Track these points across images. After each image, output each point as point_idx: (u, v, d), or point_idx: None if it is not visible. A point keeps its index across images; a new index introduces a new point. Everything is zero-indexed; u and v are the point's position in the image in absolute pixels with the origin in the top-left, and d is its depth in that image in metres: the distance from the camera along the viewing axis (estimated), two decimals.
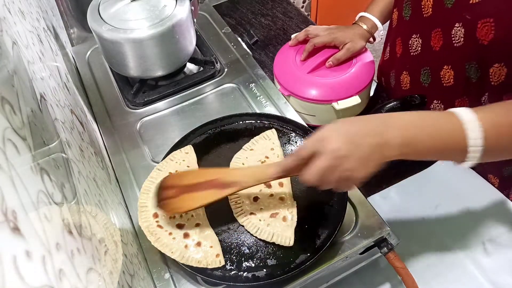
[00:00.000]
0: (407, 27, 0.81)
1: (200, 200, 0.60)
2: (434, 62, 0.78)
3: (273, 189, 0.66)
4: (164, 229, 0.63)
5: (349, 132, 0.50)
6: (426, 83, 0.81)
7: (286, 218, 0.63)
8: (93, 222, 0.44)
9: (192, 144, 0.76)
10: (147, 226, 0.63)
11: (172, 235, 0.62)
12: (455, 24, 0.69)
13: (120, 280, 0.45)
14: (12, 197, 0.27)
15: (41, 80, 0.52)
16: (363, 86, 0.90)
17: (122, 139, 0.82)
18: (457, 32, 0.69)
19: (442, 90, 0.78)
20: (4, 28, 0.45)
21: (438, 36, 0.73)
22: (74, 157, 0.50)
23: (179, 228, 0.63)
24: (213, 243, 0.62)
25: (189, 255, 0.60)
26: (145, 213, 0.65)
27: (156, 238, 0.62)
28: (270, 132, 0.75)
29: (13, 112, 0.32)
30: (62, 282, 0.30)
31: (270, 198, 0.65)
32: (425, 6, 0.74)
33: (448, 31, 0.71)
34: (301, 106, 0.91)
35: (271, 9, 1.29)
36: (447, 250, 0.73)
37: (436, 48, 0.75)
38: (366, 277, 0.71)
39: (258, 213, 0.64)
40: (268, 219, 0.63)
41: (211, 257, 0.60)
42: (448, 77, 0.75)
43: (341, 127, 0.51)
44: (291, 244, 0.60)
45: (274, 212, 0.64)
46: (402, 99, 0.78)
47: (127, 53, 0.83)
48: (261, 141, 0.74)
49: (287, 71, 0.93)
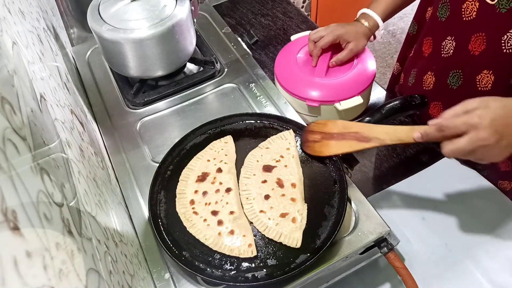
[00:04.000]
0: (442, 28, 0.78)
1: (341, 148, 0.67)
2: (471, 66, 0.76)
3: (285, 189, 0.67)
4: (200, 215, 0.65)
5: (496, 122, 0.54)
6: (454, 85, 0.80)
7: (296, 219, 0.63)
8: (93, 222, 0.44)
9: (192, 144, 0.76)
10: (184, 212, 0.66)
11: (206, 221, 0.64)
12: (509, 30, 0.67)
13: (120, 280, 0.45)
14: (12, 197, 0.27)
15: (41, 80, 0.52)
16: (365, 86, 0.90)
17: (122, 139, 0.82)
18: (510, 38, 0.67)
19: (475, 93, 0.76)
20: (4, 28, 0.45)
21: (480, 41, 0.71)
22: (74, 157, 0.50)
23: (214, 215, 0.64)
24: (246, 232, 0.63)
25: (222, 243, 0.62)
26: (183, 200, 0.67)
27: (192, 224, 0.64)
28: (288, 133, 0.75)
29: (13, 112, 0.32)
30: (62, 282, 0.30)
31: (282, 198, 0.66)
32: (468, 9, 0.72)
33: (498, 36, 0.69)
34: (303, 107, 0.91)
35: (271, 9, 1.29)
36: (447, 250, 0.73)
37: (476, 53, 0.73)
38: (366, 277, 0.71)
39: (268, 211, 0.64)
40: (278, 218, 0.63)
41: (243, 246, 0.61)
42: (486, 82, 0.74)
43: (489, 113, 0.55)
44: (298, 246, 0.61)
45: (284, 212, 0.64)
46: (402, 98, 0.78)
47: (127, 53, 0.83)
48: (278, 140, 0.74)
49: (288, 72, 0.93)
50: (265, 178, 0.68)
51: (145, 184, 0.72)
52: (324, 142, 0.69)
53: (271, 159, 0.71)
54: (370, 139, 0.65)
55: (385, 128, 0.66)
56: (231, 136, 0.76)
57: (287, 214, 0.64)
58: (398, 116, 0.79)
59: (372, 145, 0.65)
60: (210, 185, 0.68)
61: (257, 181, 0.68)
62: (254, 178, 0.69)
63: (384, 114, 0.75)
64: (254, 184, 0.68)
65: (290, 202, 0.65)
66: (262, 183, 0.68)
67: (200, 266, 0.60)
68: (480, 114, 0.55)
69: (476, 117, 0.55)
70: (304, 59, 0.96)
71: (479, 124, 0.54)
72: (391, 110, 0.75)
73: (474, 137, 0.55)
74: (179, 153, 0.74)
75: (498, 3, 0.66)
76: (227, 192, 0.67)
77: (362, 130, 0.67)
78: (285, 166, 0.70)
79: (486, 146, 0.55)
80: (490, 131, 0.54)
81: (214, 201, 0.66)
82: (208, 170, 0.70)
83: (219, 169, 0.70)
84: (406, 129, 0.63)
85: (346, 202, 0.64)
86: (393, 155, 0.91)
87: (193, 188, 0.68)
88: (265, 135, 0.76)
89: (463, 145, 0.56)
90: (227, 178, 0.69)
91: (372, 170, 0.90)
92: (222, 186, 0.68)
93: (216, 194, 0.67)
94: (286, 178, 0.68)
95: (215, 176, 0.69)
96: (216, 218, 0.64)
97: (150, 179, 0.70)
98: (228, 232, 0.63)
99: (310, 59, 0.94)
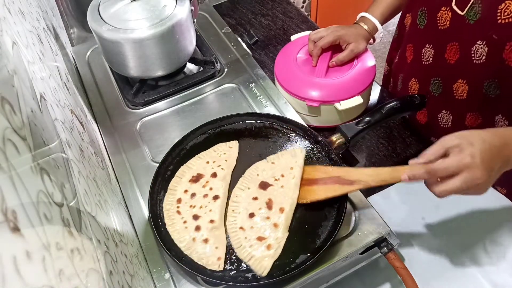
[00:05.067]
0: (421, 36, 0.79)
1: (325, 192, 0.65)
2: (447, 74, 0.76)
3: (272, 212, 0.64)
4: (181, 216, 0.65)
5: (485, 158, 0.55)
6: (436, 92, 0.80)
7: (271, 247, 0.61)
8: (93, 222, 0.44)
9: (192, 144, 0.76)
10: (168, 209, 0.66)
11: (186, 223, 0.64)
12: (477, 41, 0.67)
13: (120, 280, 0.45)
14: (12, 197, 0.27)
15: (41, 80, 0.52)
16: (365, 86, 0.89)
17: (122, 139, 0.82)
18: (479, 49, 0.67)
19: (453, 102, 0.77)
20: (4, 28, 0.45)
21: (454, 50, 0.72)
22: (74, 157, 0.50)
23: (194, 219, 0.64)
24: (220, 244, 0.62)
25: (193, 248, 0.61)
26: (171, 196, 0.68)
27: (172, 222, 0.64)
28: (299, 151, 0.72)
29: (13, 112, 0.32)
30: (62, 282, 0.30)
31: (265, 220, 0.63)
32: (442, 19, 0.72)
33: (468, 46, 0.69)
34: (303, 108, 0.91)
35: (271, 9, 1.29)
36: (447, 250, 0.73)
37: (451, 61, 0.73)
38: (366, 277, 0.71)
39: (247, 230, 0.63)
40: (254, 240, 0.62)
41: (212, 257, 0.60)
42: (462, 90, 0.74)
43: (478, 151, 0.55)
44: (264, 274, 0.58)
45: (262, 236, 0.62)
46: (402, 98, 0.78)
47: (127, 53, 0.83)
48: (287, 156, 0.71)
49: (288, 72, 0.93)
50: (257, 195, 0.67)
51: (145, 184, 0.72)
52: (306, 188, 0.67)
53: (271, 177, 0.69)
54: (353, 182, 0.63)
55: (366, 171, 0.64)
56: (238, 142, 0.75)
57: (264, 239, 0.61)
58: (398, 116, 0.79)
59: (356, 187, 0.63)
60: (200, 188, 0.68)
61: (249, 196, 0.67)
62: (247, 192, 0.67)
63: (384, 114, 0.75)
64: (244, 198, 0.67)
65: (272, 228, 0.62)
66: (252, 199, 0.66)
67: (200, 266, 0.60)
68: (471, 154, 0.55)
69: (468, 157, 0.55)
70: (304, 59, 0.95)
71: (472, 164, 0.55)
72: (391, 110, 0.75)
73: (469, 177, 0.55)
74: (179, 153, 0.74)
75: (467, 14, 0.67)
76: (214, 200, 0.66)
77: (343, 174, 0.65)
78: (281, 186, 0.67)
79: (479, 184, 0.55)
80: (483, 169, 0.55)
81: (199, 205, 0.65)
82: (204, 172, 0.70)
83: (214, 174, 0.69)
84: (389, 171, 0.61)
85: (346, 202, 0.64)
86: (393, 155, 0.91)
87: (185, 187, 0.68)
88: (265, 135, 0.76)
89: (457, 185, 0.56)
90: (218, 184, 0.68)
91: None
92: (211, 192, 0.67)
93: (203, 199, 0.66)
94: (277, 201, 0.65)
95: (208, 180, 0.69)
96: (196, 223, 0.63)
97: (150, 179, 0.70)
98: (202, 240, 0.62)
99: (310, 59, 0.94)
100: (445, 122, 0.82)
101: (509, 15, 0.60)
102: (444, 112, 0.81)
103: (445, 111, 0.81)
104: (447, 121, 0.81)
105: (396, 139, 0.94)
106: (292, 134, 0.76)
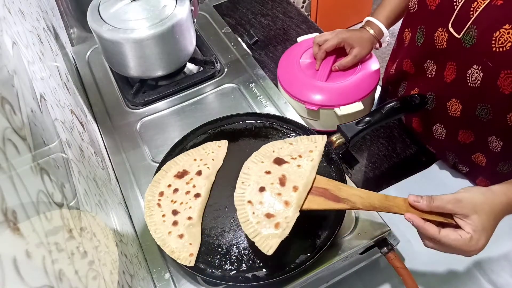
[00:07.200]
0: (420, 52, 0.78)
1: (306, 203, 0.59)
2: (442, 91, 0.76)
3: (285, 189, 0.60)
4: (161, 209, 0.65)
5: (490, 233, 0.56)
6: (429, 107, 0.80)
7: (279, 225, 0.56)
8: (93, 222, 0.44)
9: (192, 144, 0.76)
10: (149, 200, 0.66)
11: (164, 217, 0.64)
12: (473, 65, 0.66)
13: (120, 280, 0.45)
14: (12, 197, 0.27)
15: (41, 80, 0.52)
16: (367, 92, 0.88)
17: (122, 139, 0.82)
18: (474, 73, 0.67)
19: (447, 118, 0.77)
20: (4, 28, 0.45)
21: (452, 70, 0.71)
22: (74, 157, 0.50)
23: (173, 214, 0.64)
24: (194, 241, 0.62)
25: (167, 242, 0.62)
26: (154, 188, 0.68)
27: (150, 213, 0.65)
28: (320, 137, 0.67)
29: (13, 112, 0.31)
30: (62, 282, 0.30)
31: (276, 197, 0.59)
32: (439, 39, 0.72)
33: (464, 69, 0.68)
34: (303, 110, 0.91)
35: (271, 9, 1.29)
36: None
37: (448, 80, 0.73)
38: (366, 277, 0.71)
39: (256, 204, 0.59)
40: (262, 216, 0.57)
41: (184, 253, 0.61)
42: (455, 109, 0.74)
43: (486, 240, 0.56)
44: (269, 253, 0.55)
45: (271, 213, 0.58)
46: (402, 98, 0.78)
47: (127, 53, 0.83)
48: (306, 141, 0.67)
49: (290, 74, 0.93)
50: (270, 169, 0.62)
51: (145, 184, 0.72)
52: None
53: (288, 155, 0.64)
54: (340, 200, 0.59)
55: (358, 191, 0.60)
56: (227, 142, 0.75)
57: (272, 216, 0.57)
58: (398, 116, 0.79)
59: (342, 206, 0.59)
60: (184, 184, 0.68)
61: (261, 169, 0.62)
62: (259, 165, 0.63)
63: (384, 114, 0.74)
64: (256, 171, 0.62)
65: (282, 205, 0.58)
66: (265, 173, 0.62)
67: (200, 266, 0.61)
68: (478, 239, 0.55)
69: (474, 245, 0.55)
70: (308, 62, 0.95)
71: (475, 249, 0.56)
72: (391, 110, 0.75)
73: (465, 254, 0.56)
74: (179, 153, 0.74)
75: (463, 38, 0.66)
76: (195, 197, 0.66)
77: (330, 188, 0.60)
78: (298, 165, 0.62)
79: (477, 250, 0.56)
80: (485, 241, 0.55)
81: (180, 201, 0.66)
82: (190, 169, 0.70)
83: (199, 172, 0.69)
84: (381, 198, 0.59)
85: None
86: (393, 155, 0.91)
87: (169, 182, 0.68)
88: (265, 135, 0.76)
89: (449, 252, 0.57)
90: (202, 183, 0.68)
91: (372, 170, 0.90)
92: (194, 190, 0.67)
93: (184, 195, 0.66)
94: (291, 178, 0.60)
95: (192, 177, 0.69)
96: (174, 218, 0.64)
97: (150, 179, 0.70)
98: (177, 235, 0.62)
99: (314, 63, 0.93)
100: (439, 134, 0.82)
101: (503, 44, 0.60)
102: (438, 125, 0.81)
103: (439, 125, 0.81)
104: (441, 133, 0.81)
105: (396, 139, 0.94)
106: (292, 134, 0.76)
